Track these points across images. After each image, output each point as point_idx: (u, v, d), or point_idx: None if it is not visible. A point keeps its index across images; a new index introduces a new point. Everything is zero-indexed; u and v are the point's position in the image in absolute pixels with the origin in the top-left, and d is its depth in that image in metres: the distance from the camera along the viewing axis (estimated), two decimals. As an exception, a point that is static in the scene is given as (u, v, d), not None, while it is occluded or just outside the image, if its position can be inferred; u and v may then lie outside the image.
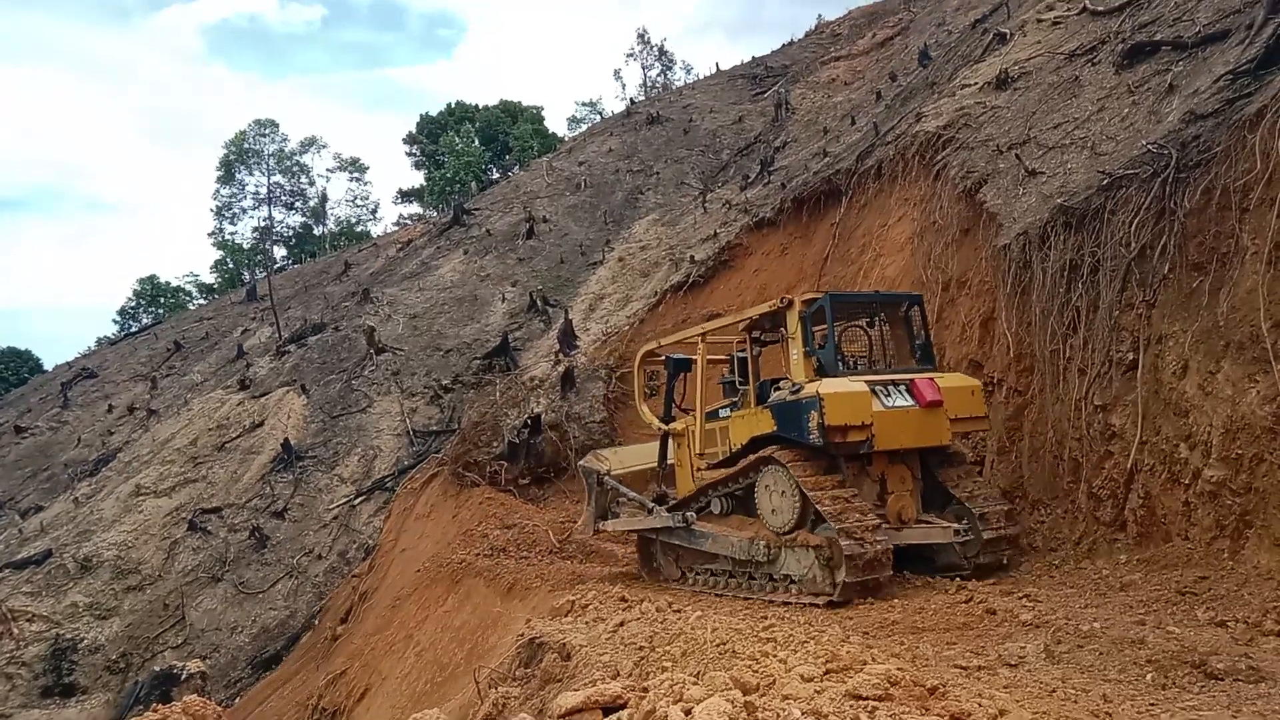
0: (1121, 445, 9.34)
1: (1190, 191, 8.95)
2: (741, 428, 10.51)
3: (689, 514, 10.91)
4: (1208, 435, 8.28)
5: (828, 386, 9.28)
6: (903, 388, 9.59)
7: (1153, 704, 4.96)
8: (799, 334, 9.94)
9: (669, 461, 12.25)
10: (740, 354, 11.20)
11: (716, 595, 10.26)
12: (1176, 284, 8.98)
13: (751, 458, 10.14)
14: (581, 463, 13.41)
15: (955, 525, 9.47)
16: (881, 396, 9.40)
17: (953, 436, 9.87)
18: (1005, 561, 9.55)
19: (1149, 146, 10.01)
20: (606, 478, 12.49)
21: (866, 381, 9.54)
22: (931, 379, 9.75)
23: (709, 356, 11.99)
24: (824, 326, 10.07)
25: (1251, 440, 7.82)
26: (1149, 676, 5.46)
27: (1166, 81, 11.49)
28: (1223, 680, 5.27)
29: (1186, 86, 11.01)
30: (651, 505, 11.68)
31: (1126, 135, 11.37)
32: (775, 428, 9.83)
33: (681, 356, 12.42)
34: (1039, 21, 17.31)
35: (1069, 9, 16.71)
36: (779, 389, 10.21)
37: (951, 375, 10.38)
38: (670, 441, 12.21)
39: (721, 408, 11.52)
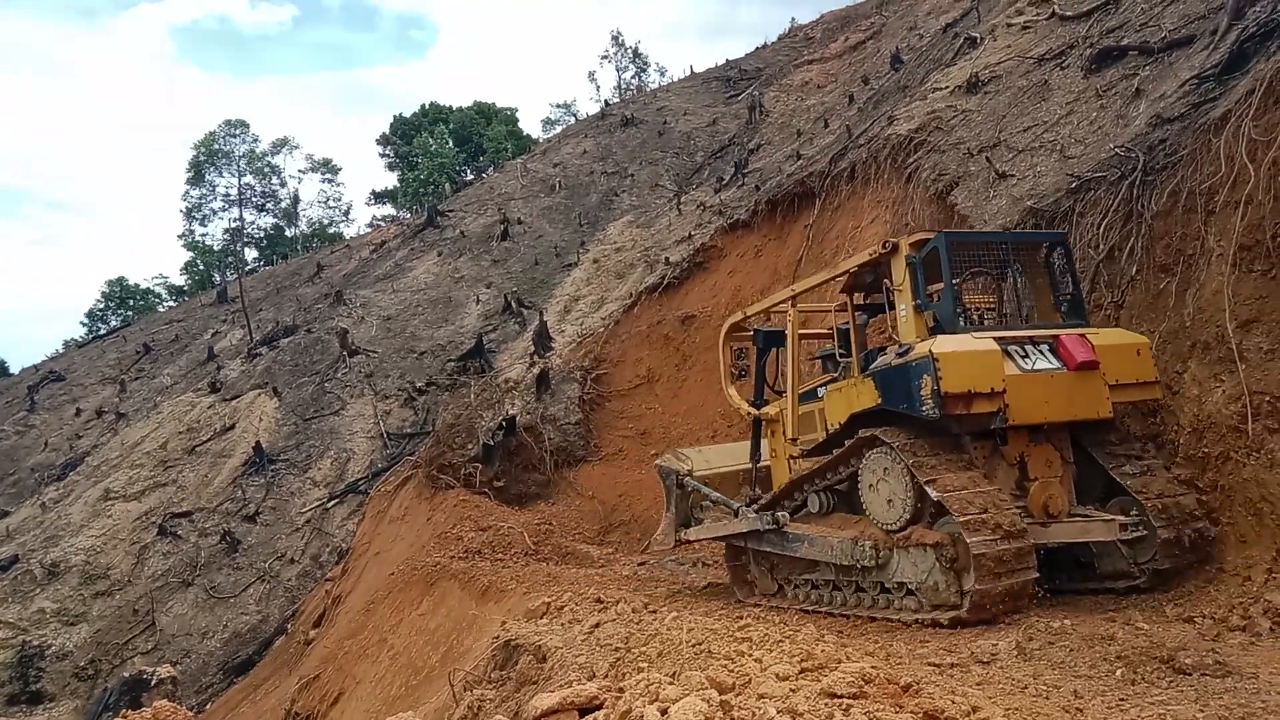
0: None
1: (1157, 194, 9.09)
2: (839, 403, 8.69)
3: (780, 514, 9.20)
4: (1175, 434, 8.40)
5: (944, 345, 7.50)
6: (1045, 347, 7.76)
7: (1122, 699, 5.02)
8: (907, 284, 8.08)
9: (762, 456, 10.59)
10: (841, 322, 9.49)
11: (819, 612, 8.71)
12: (1144, 285, 9.11)
13: (852, 440, 8.39)
14: (658, 462, 11.62)
15: (1122, 519, 7.53)
16: (1017, 358, 7.59)
17: (1114, 408, 7.89)
18: (1193, 561, 7.64)
19: (1117, 150, 10.17)
20: (687, 479, 10.79)
21: (996, 339, 7.69)
22: (1083, 335, 7.86)
23: (807, 331, 10.59)
24: (940, 284, 8.15)
25: (1218, 439, 7.95)
26: (1119, 672, 5.54)
27: (1134, 86, 11.67)
28: (1190, 675, 5.34)
29: (1153, 91, 11.18)
30: (738, 506, 9.96)
31: (1095, 138, 11.53)
32: (879, 400, 8.05)
33: (772, 328, 10.80)
34: (1009, 26, 17.50)
35: (1038, 14, 16.90)
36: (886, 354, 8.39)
37: (1110, 331, 8.41)
38: (764, 429, 10.52)
39: (820, 385, 9.70)
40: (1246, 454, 7.67)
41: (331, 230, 65.04)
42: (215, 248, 63.32)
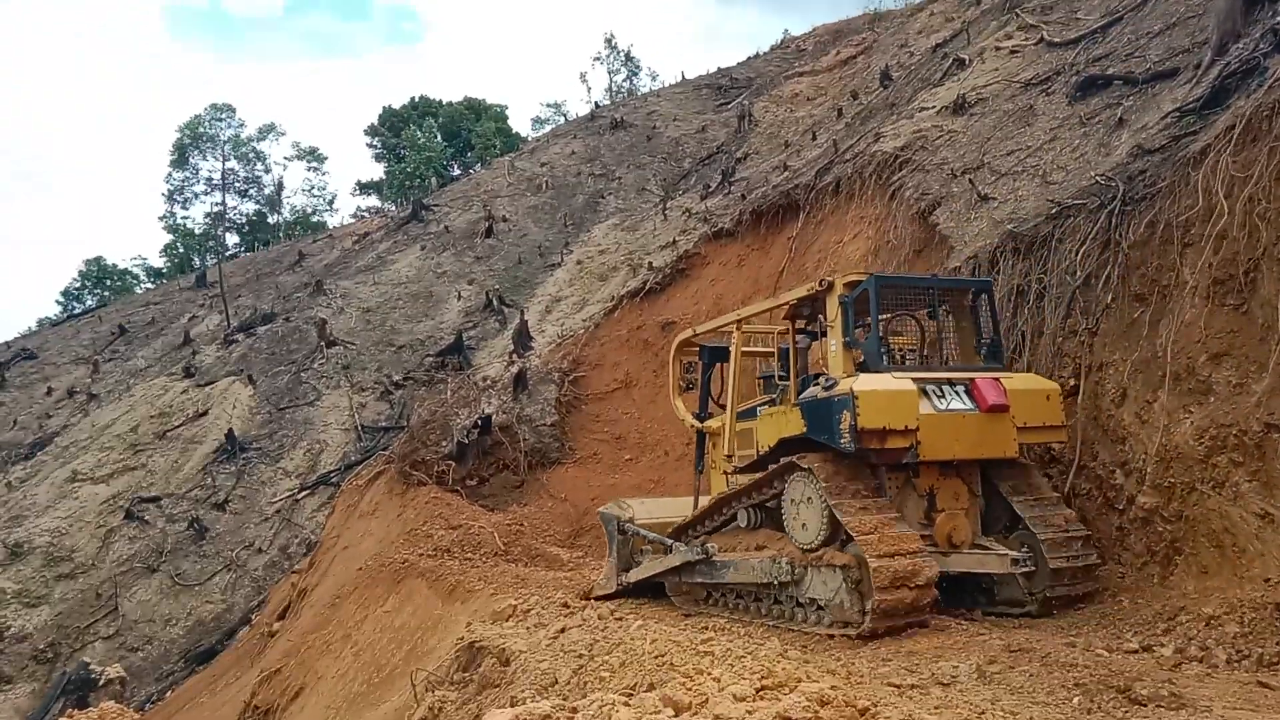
0: (1059, 469, 9.53)
1: (1135, 224, 9.18)
2: (771, 427, 9.28)
3: (709, 545, 9.57)
4: (1142, 463, 8.49)
5: (865, 383, 8.07)
6: (961, 389, 8.40)
7: (1077, 728, 5.07)
8: (839, 321, 8.68)
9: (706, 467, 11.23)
10: (784, 344, 10.01)
11: (740, 622, 9.11)
12: (1118, 313, 9.20)
13: (778, 464, 8.94)
14: (601, 509, 12.09)
15: (1013, 554, 8.09)
16: (933, 398, 8.24)
17: (1021, 448, 8.66)
18: (1079, 595, 8.31)
19: (1097, 178, 10.28)
20: (628, 524, 11.17)
21: (915, 379, 8.33)
22: (997, 379, 8.49)
23: (753, 350, 11.21)
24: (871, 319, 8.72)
25: (1184, 469, 8.04)
26: (1075, 700, 5.57)
27: (1117, 115, 11.79)
28: (1145, 706, 5.38)
29: (1136, 121, 11.30)
30: (671, 543, 10.32)
31: (1076, 166, 11.64)
32: (805, 429, 8.60)
33: (718, 345, 11.37)
34: (997, 49, 17.64)
35: (1027, 38, 17.06)
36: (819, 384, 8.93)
37: (1023, 376, 9.08)
38: (707, 442, 11.21)
39: (760, 405, 10.21)
40: (1212, 486, 7.76)
41: (315, 219, 64.65)
42: (196, 231, 62.84)
